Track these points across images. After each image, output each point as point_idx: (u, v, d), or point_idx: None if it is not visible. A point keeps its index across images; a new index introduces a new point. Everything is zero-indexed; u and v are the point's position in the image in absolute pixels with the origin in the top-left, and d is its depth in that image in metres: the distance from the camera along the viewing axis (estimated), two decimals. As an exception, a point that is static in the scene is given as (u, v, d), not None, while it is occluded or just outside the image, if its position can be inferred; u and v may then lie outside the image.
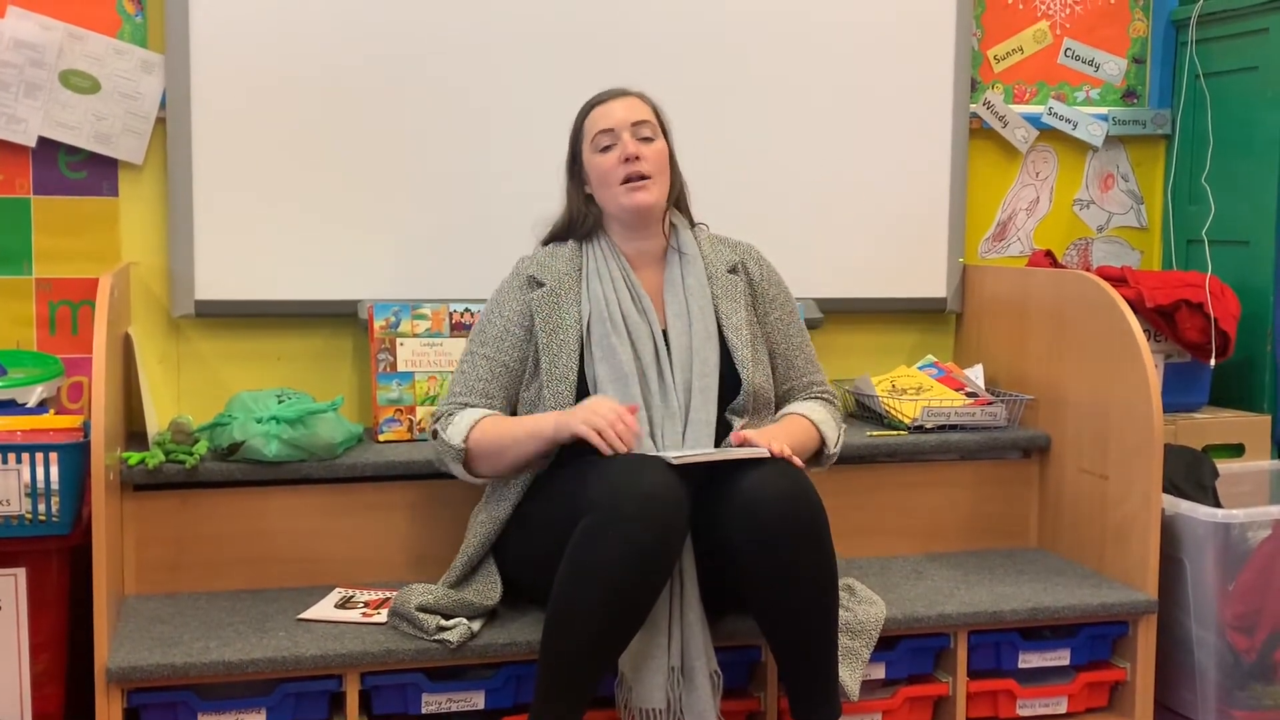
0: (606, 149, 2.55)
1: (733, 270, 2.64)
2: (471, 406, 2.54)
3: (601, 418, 2.35)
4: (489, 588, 2.53)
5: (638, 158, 2.53)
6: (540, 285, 2.56)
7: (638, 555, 2.20)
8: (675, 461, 2.31)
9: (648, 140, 2.56)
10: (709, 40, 3.26)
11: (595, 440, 2.34)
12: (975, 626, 2.71)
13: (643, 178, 2.53)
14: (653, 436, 2.46)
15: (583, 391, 2.49)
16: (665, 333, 2.55)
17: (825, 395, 2.68)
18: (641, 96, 2.62)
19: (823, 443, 2.59)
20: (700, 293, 2.57)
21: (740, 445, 2.41)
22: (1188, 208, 3.65)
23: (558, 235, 2.67)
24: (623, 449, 2.33)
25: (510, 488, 2.52)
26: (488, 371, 2.56)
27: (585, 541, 2.22)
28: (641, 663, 2.34)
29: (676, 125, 2.64)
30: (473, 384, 2.56)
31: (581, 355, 2.51)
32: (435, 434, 2.55)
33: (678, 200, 2.67)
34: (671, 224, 2.63)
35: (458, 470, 2.54)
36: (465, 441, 2.48)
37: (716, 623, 2.42)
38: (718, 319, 2.57)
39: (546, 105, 3.11)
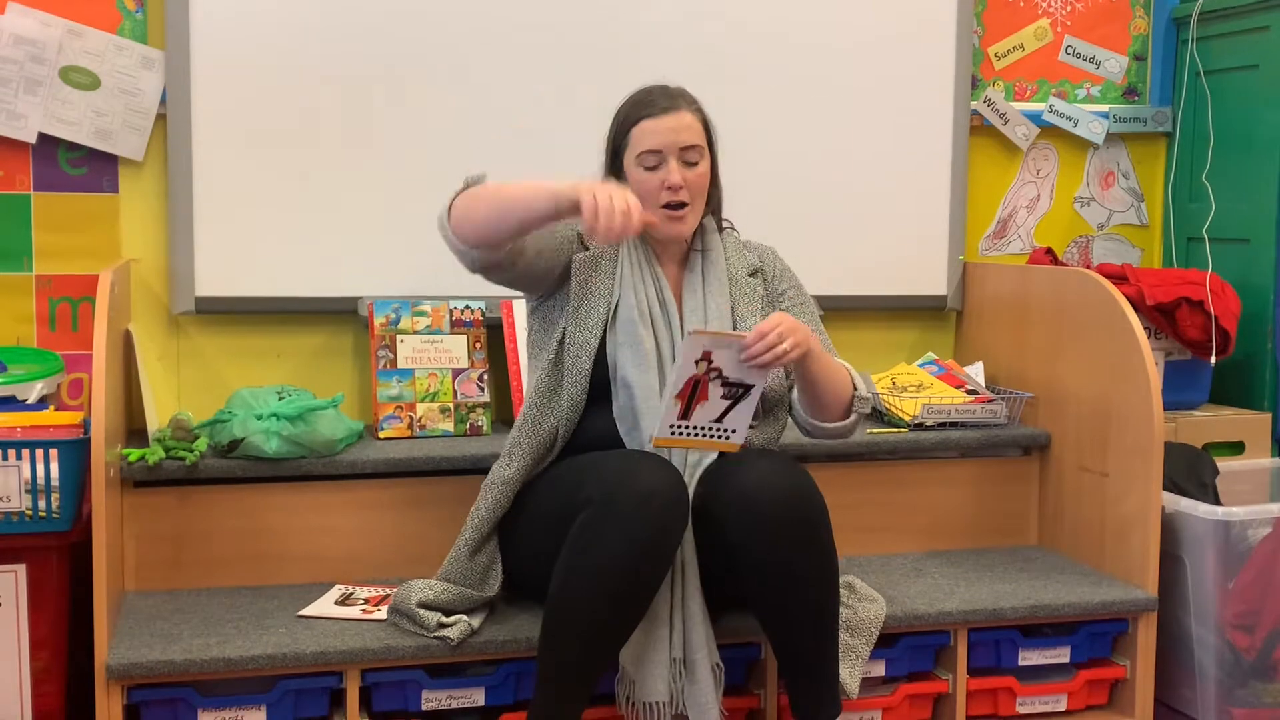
0: (651, 168, 2.48)
1: (753, 274, 2.63)
2: None
3: (607, 196, 2.21)
4: (489, 572, 2.52)
5: (681, 187, 2.47)
6: (585, 249, 2.53)
7: (636, 550, 2.20)
8: (655, 443, 2.30)
9: (693, 165, 2.49)
10: (708, 37, 3.26)
11: (586, 211, 2.21)
12: (975, 624, 2.71)
13: (682, 205, 2.48)
14: None
15: (600, 366, 2.47)
16: (681, 328, 2.54)
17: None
18: (694, 109, 2.52)
19: (855, 386, 2.50)
20: (719, 292, 2.56)
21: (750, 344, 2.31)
22: (1188, 205, 3.64)
23: None
24: (607, 235, 2.21)
25: (521, 454, 2.49)
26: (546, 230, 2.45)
27: (583, 537, 2.22)
28: (643, 655, 2.34)
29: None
30: None
31: (603, 337, 2.49)
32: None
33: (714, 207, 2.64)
34: (700, 224, 2.60)
35: (444, 220, 2.38)
36: (465, 187, 2.38)
37: (717, 619, 2.42)
38: (734, 320, 2.56)
39: (549, 102, 3.11)
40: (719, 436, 2.35)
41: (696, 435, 2.33)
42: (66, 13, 2.95)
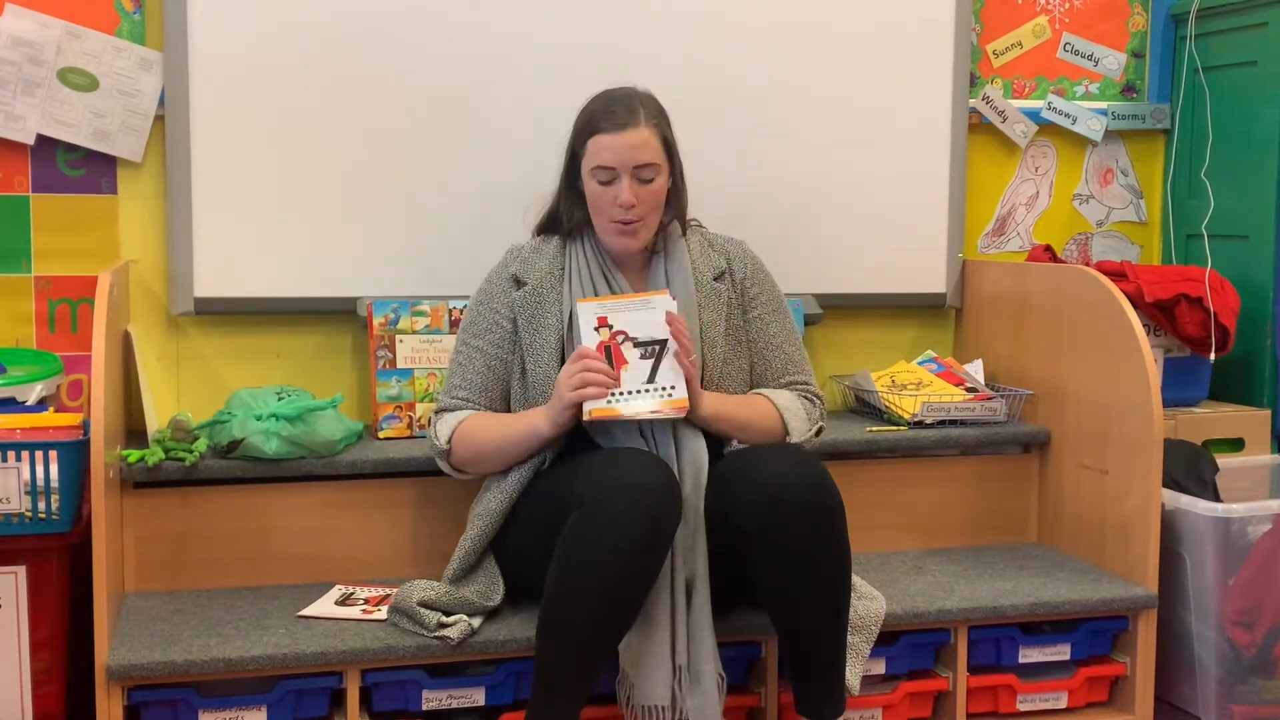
0: (604, 182, 2.48)
1: (719, 277, 2.61)
2: (470, 403, 2.56)
3: (564, 387, 2.37)
4: (490, 587, 2.53)
5: (632, 206, 2.47)
6: (523, 285, 2.56)
7: (627, 549, 2.20)
8: (592, 415, 2.35)
9: (647, 182, 2.49)
10: (707, 34, 3.25)
11: (591, 395, 2.35)
12: (975, 622, 2.71)
13: (633, 222, 2.49)
14: (642, 434, 2.46)
15: None
16: None
17: (803, 391, 2.63)
18: (652, 124, 2.49)
19: (786, 432, 2.53)
20: (685, 293, 2.55)
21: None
22: (1187, 202, 3.64)
23: (547, 225, 2.66)
24: (613, 383, 2.36)
25: (509, 481, 2.52)
26: (483, 365, 2.57)
27: (575, 536, 2.22)
28: (642, 660, 2.34)
29: (674, 121, 2.58)
30: (470, 377, 2.57)
31: (563, 354, 2.50)
32: (430, 427, 2.59)
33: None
34: (662, 229, 2.60)
35: (445, 469, 2.57)
36: (449, 442, 2.51)
37: (720, 620, 2.42)
38: (700, 326, 2.55)
39: (546, 103, 3.11)
40: (659, 395, 2.38)
41: (633, 398, 2.37)
42: (65, 14, 2.95)
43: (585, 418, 2.37)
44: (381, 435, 2.96)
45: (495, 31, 3.14)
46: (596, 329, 2.42)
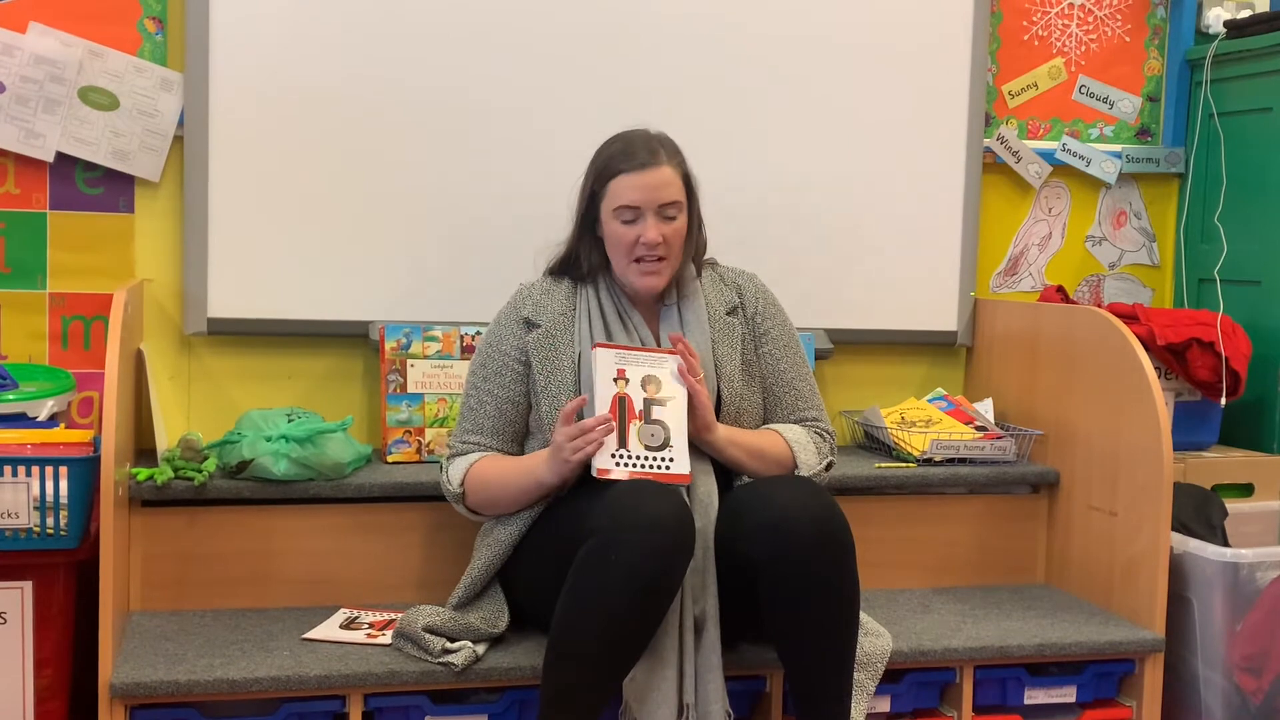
0: (628, 221, 2.48)
1: (731, 312, 2.61)
2: (481, 446, 2.56)
3: (565, 450, 2.35)
4: (495, 615, 2.52)
5: (659, 243, 2.47)
6: (536, 327, 2.56)
7: (638, 582, 2.19)
8: (598, 473, 2.35)
9: (671, 219, 2.49)
10: (723, 71, 3.27)
11: (592, 452, 2.34)
12: (981, 661, 2.70)
13: (659, 260, 2.50)
14: None
15: None
16: None
17: (814, 427, 2.62)
18: (673, 163, 2.50)
19: (795, 464, 2.53)
20: (699, 330, 2.56)
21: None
22: (1200, 246, 3.65)
23: (561, 268, 2.64)
24: (602, 437, 2.35)
25: (520, 513, 2.51)
26: (494, 409, 2.56)
27: (585, 568, 2.21)
28: (647, 695, 2.33)
29: (688, 156, 2.58)
30: (481, 421, 2.57)
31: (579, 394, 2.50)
32: (442, 472, 2.59)
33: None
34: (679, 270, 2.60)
35: (462, 511, 2.57)
36: (462, 486, 2.52)
37: (726, 654, 2.40)
38: (715, 362, 2.55)
39: (563, 129, 3.13)
40: (661, 465, 2.38)
41: (640, 465, 2.37)
42: (87, 34, 2.97)
43: (594, 474, 2.36)
44: (390, 459, 2.96)
45: (514, 58, 3.16)
46: (615, 379, 2.42)
